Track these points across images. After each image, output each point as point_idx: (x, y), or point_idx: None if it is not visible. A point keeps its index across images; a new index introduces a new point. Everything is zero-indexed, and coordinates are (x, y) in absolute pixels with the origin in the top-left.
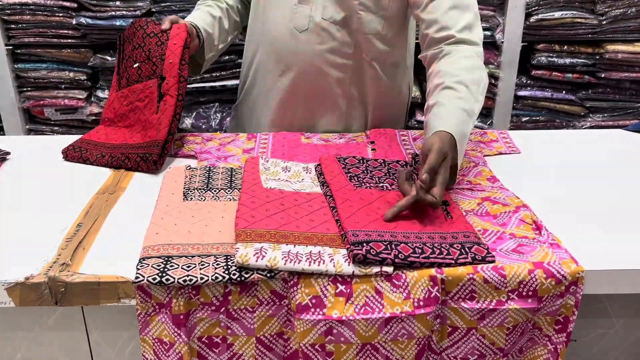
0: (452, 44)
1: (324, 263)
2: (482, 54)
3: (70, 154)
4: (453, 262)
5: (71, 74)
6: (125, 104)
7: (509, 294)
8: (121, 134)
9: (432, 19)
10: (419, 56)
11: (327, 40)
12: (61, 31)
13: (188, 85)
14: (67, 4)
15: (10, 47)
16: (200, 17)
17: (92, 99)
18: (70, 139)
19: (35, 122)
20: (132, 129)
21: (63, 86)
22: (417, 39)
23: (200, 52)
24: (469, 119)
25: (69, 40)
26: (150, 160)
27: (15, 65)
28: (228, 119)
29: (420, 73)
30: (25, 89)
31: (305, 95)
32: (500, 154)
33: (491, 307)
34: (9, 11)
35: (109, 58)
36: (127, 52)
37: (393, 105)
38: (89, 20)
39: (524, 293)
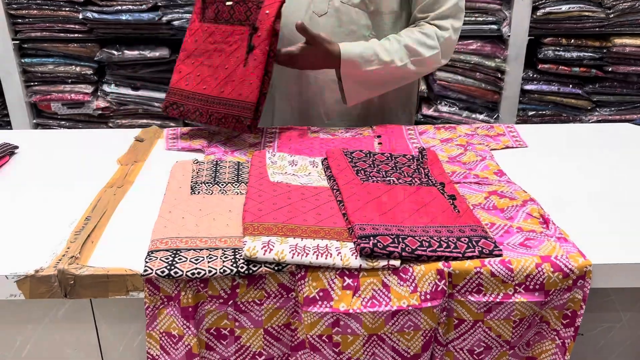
0: (424, 22)
1: (331, 256)
2: (446, 39)
3: (171, 112)
4: (460, 255)
5: (78, 69)
6: (211, 42)
7: (516, 287)
8: (210, 80)
9: (422, 1)
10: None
11: (346, 23)
12: (68, 26)
13: None
14: None
15: (17, 42)
16: None
17: (99, 94)
18: (77, 133)
19: (42, 116)
20: (216, 73)
21: (70, 80)
22: None
23: None
24: (374, 57)
25: (76, 35)
26: (245, 123)
27: (22, 60)
28: None
29: None
30: (32, 84)
31: (327, 79)
32: (507, 147)
33: (498, 300)
34: (15, 6)
35: (115, 52)
36: None
37: (407, 87)
38: (96, 15)
39: (531, 286)
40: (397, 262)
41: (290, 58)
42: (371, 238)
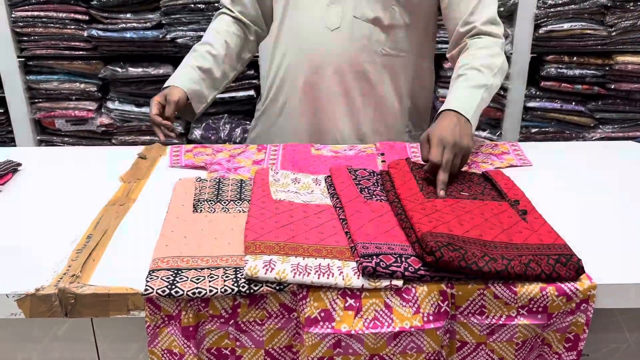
0: (474, 36)
1: (333, 276)
2: (503, 45)
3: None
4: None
5: (82, 86)
6: None
7: (519, 309)
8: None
9: (456, 15)
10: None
11: (359, 38)
12: (72, 43)
13: None
14: (79, 16)
15: (23, 59)
16: (187, 76)
17: (103, 110)
18: (80, 150)
19: (46, 133)
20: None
21: (74, 97)
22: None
23: (191, 109)
24: (477, 90)
25: (80, 52)
26: None
27: (27, 77)
28: (238, 130)
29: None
30: (36, 101)
31: (339, 93)
32: (512, 166)
33: (500, 322)
34: (21, 24)
35: (119, 70)
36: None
37: (425, 98)
38: (100, 33)
39: (534, 309)
40: (399, 282)
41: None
42: (374, 257)
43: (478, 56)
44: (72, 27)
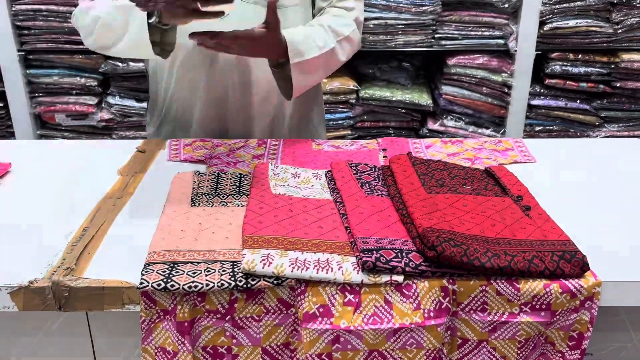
0: (328, 8)
1: (332, 271)
2: (356, 18)
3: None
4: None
5: (82, 80)
6: None
7: (522, 306)
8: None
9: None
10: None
11: (251, 22)
12: (73, 37)
13: None
14: None
15: (23, 53)
16: None
17: (103, 105)
18: (79, 144)
19: (46, 127)
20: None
21: (74, 92)
22: None
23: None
24: (312, 43)
25: (81, 46)
26: None
27: (27, 71)
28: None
29: (432, 81)
30: (36, 95)
31: (235, 83)
32: (516, 162)
33: (503, 319)
34: (21, 17)
35: (119, 64)
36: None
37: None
38: None
39: (537, 306)
40: (400, 278)
41: (236, 39)
42: (374, 252)
43: (327, 19)
44: None
